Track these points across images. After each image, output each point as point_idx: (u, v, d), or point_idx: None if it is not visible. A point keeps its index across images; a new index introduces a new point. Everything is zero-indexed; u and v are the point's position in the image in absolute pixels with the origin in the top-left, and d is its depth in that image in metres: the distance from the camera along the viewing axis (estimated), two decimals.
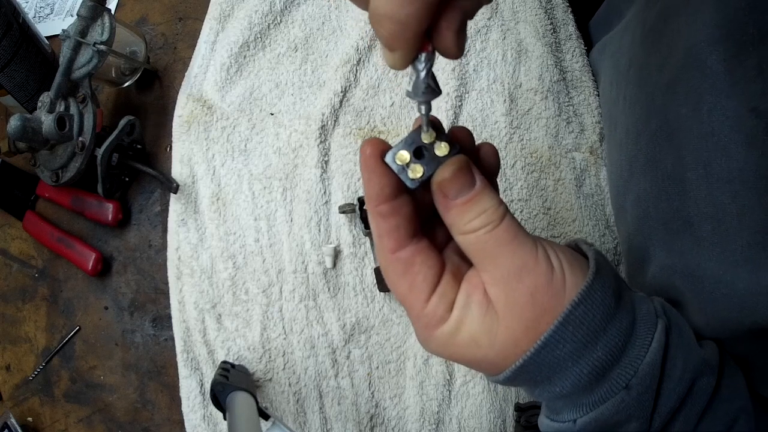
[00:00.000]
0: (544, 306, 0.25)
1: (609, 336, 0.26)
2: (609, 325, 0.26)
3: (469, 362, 0.28)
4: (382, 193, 0.27)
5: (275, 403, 0.54)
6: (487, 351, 0.26)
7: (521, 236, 0.26)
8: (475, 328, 0.26)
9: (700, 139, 0.35)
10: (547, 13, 0.63)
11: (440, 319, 0.27)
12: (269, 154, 0.58)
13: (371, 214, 0.28)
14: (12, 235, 0.64)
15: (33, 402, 0.59)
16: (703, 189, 0.35)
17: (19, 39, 0.56)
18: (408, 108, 0.59)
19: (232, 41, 0.60)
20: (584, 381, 0.26)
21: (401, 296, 0.28)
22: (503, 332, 0.26)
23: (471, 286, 0.27)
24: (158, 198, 0.61)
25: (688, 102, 0.36)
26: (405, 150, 0.27)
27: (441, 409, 0.53)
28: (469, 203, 0.26)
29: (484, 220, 0.26)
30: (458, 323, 0.27)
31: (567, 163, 0.58)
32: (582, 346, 0.26)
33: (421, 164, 0.27)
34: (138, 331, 0.58)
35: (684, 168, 0.37)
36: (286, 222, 0.56)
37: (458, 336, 0.27)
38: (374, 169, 0.27)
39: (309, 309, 0.54)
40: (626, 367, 0.26)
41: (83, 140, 0.55)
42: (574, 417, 0.28)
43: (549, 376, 0.27)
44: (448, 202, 0.26)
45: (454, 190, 0.26)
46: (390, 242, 0.27)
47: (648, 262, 0.43)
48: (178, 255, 0.56)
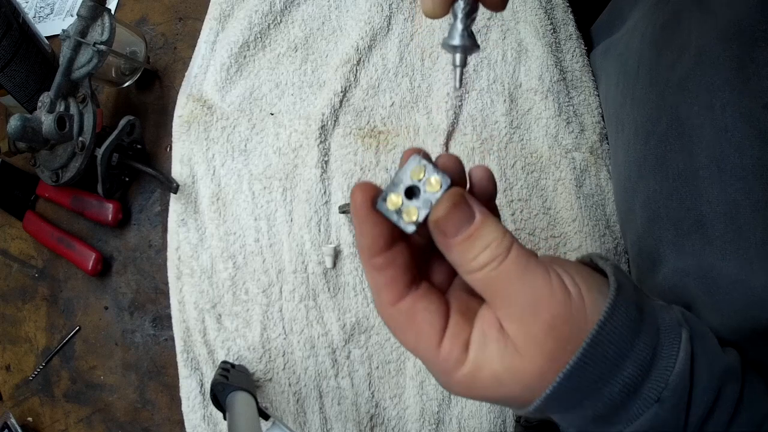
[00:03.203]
0: (565, 335, 0.24)
1: (636, 352, 0.25)
2: (635, 340, 0.25)
3: (496, 401, 0.27)
4: (376, 244, 0.25)
5: (275, 403, 0.54)
6: (511, 387, 0.25)
7: (532, 266, 0.24)
8: (496, 367, 0.25)
9: (713, 136, 0.35)
10: (547, 13, 0.63)
11: (457, 361, 0.25)
12: (269, 154, 0.58)
13: (365, 267, 0.26)
14: (12, 235, 0.64)
15: (33, 402, 0.59)
16: (715, 187, 0.34)
17: (19, 39, 0.56)
18: (408, 108, 0.59)
19: (232, 41, 0.60)
20: (616, 400, 0.25)
21: (411, 347, 0.26)
22: (526, 367, 0.24)
23: (485, 323, 0.26)
24: (158, 198, 0.61)
25: (700, 99, 0.36)
26: (394, 193, 0.25)
27: (441, 409, 0.53)
28: (470, 239, 0.24)
29: (490, 255, 0.24)
30: (477, 363, 0.25)
31: (567, 163, 0.58)
32: (611, 366, 0.25)
33: (415, 205, 0.25)
34: (138, 331, 0.58)
35: (696, 166, 0.36)
36: (286, 222, 0.56)
37: (480, 376, 0.25)
38: (365, 219, 0.25)
39: (309, 309, 0.54)
40: (656, 381, 0.25)
41: (83, 140, 0.55)
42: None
43: (580, 401, 0.25)
44: (448, 240, 0.25)
45: (452, 227, 0.24)
46: (388, 295, 0.26)
47: (659, 265, 0.42)
48: (178, 255, 0.56)
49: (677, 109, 0.39)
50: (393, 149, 0.58)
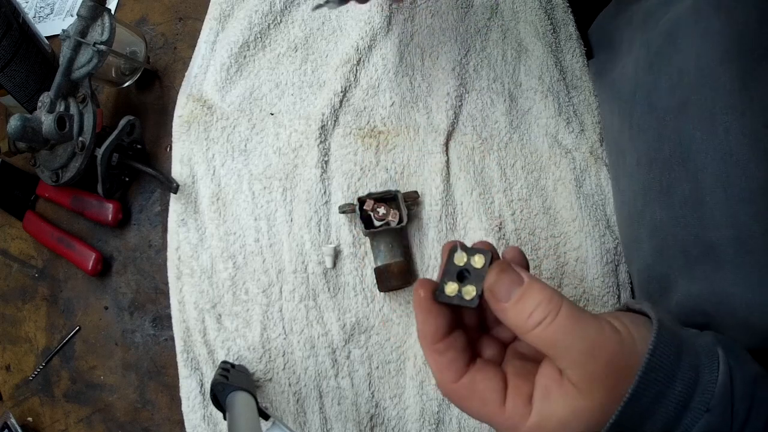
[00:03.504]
0: (622, 369, 0.27)
1: (683, 371, 0.28)
2: (680, 363, 0.28)
3: None
4: (438, 332, 0.29)
5: (275, 403, 0.54)
6: (578, 428, 0.28)
7: (584, 318, 0.27)
8: (561, 413, 0.28)
9: (718, 160, 0.35)
10: (547, 13, 0.63)
11: (522, 415, 0.28)
12: (269, 154, 0.58)
13: (427, 352, 0.30)
14: (12, 235, 0.64)
15: (33, 402, 0.59)
16: (723, 211, 0.35)
17: (19, 39, 0.56)
18: (408, 108, 0.59)
19: (232, 41, 0.60)
20: (671, 417, 0.28)
21: (477, 414, 0.30)
22: (589, 405, 0.27)
23: (546, 378, 0.29)
24: (158, 198, 0.61)
25: (702, 123, 0.36)
26: (450, 282, 0.30)
27: (441, 409, 0.53)
28: (522, 300, 0.27)
29: (542, 313, 0.27)
30: (542, 414, 0.28)
31: (567, 163, 0.58)
32: (663, 387, 0.27)
33: (470, 284, 0.29)
34: (138, 331, 0.58)
35: (702, 192, 0.36)
36: (286, 222, 0.56)
37: (547, 425, 0.28)
38: (430, 311, 0.29)
39: (309, 309, 0.54)
40: (704, 393, 0.28)
41: (83, 140, 0.55)
42: None
43: (640, 424, 0.28)
44: (502, 305, 0.28)
45: (503, 291, 0.28)
46: (450, 374, 0.30)
47: (670, 292, 0.42)
48: (178, 255, 0.56)
49: (680, 135, 0.39)
50: (393, 149, 0.58)
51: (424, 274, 0.55)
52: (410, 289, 0.55)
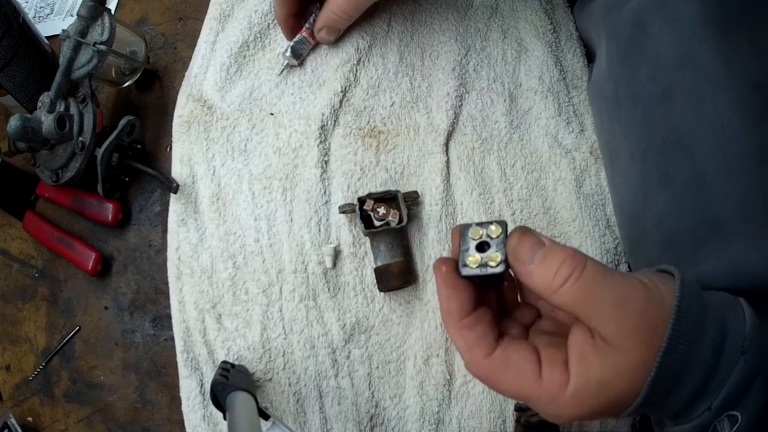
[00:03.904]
0: (654, 319, 0.27)
1: (711, 318, 0.28)
2: (707, 311, 0.28)
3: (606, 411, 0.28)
4: (465, 306, 0.29)
5: (275, 403, 0.54)
6: (619, 386, 0.27)
7: (609, 272, 0.27)
8: (601, 373, 0.27)
9: (711, 136, 0.35)
10: (547, 13, 0.63)
11: (561, 383, 0.28)
12: (269, 154, 0.58)
13: (455, 329, 0.29)
14: (12, 235, 0.64)
15: (33, 402, 0.59)
16: (725, 185, 0.35)
17: (19, 39, 0.56)
18: (408, 108, 0.59)
19: (232, 41, 0.60)
20: (709, 365, 0.27)
21: (514, 389, 0.29)
22: (628, 360, 0.27)
23: (579, 341, 0.28)
24: (158, 198, 0.61)
25: (690, 104, 0.36)
26: (471, 255, 0.29)
27: (441, 409, 0.53)
28: (546, 260, 0.27)
29: (569, 269, 0.27)
30: (581, 378, 0.27)
31: (567, 163, 0.58)
32: (697, 334, 0.27)
33: (492, 252, 0.29)
34: (138, 331, 0.58)
35: (701, 171, 0.37)
36: (286, 222, 0.56)
37: (587, 388, 0.27)
38: (455, 285, 0.29)
39: (309, 309, 0.54)
40: (735, 337, 0.28)
41: (83, 140, 0.55)
42: (708, 404, 0.28)
43: (681, 377, 0.28)
44: (528, 268, 0.27)
45: (527, 252, 0.27)
46: (482, 350, 0.29)
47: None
48: (178, 255, 0.56)
49: (669, 121, 0.39)
50: (393, 149, 0.58)
51: (424, 274, 0.55)
52: (410, 289, 0.55)
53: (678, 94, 0.38)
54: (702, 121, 0.36)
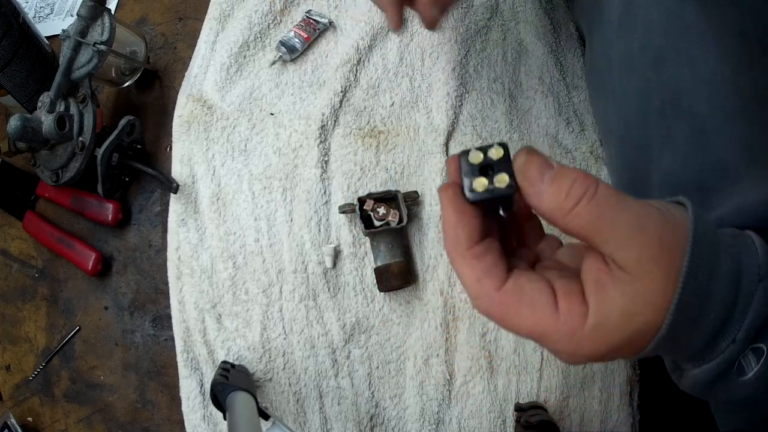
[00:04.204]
0: (671, 243, 0.25)
1: (726, 248, 0.27)
2: (720, 239, 0.27)
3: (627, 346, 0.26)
4: (474, 234, 0.27)
5: (275, 403, 0.54)
6: (641, 316, 0.25)
7: (622, 193, 0.26)
8: (622, 304, 0.25)
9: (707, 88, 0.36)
10: (547, 13, 0.63)
11: (580, 314, 0.26)
12: (269, 154, 0.58)
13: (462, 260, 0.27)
14: (12, 235, 0.64)
15: (33, 402, 0.59)
16: (726, 131, 0.36)
17: (19, 39, 0.56)
18: (408, 108, 0.59)
19: (232, 41, 0.60)
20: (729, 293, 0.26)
21: (529, 325, 0.27)
22: (648, 287, 0.25)
23: (594, 270, 0.26)
24: (158, 198, 0.61)
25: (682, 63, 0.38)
26: (476, 178, 0.26)
27: (441, 409, 0.53)
28: (557, 180, 0.25)
29: (581, 189, 0.25)
30: (602, 307, 0.26)
31: (567, 163, 0.58)
32: (715, 260, 0.26)
33: (498, 173, 0.26)
34: (138, 331, 0.58)
35: (702, 123, 0.37)
36: (286, 222, 0.56)
37: (608, 320, 0.25)
38: (463, 210, 0.27)
39: (309, 309, 0.54)
40: (750, 266, 0.27)
41: (83, 140, 0.55)
42: (732, 337, 0.27)
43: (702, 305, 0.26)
44: (538, 188, 0.26)
45: (536, 172, 0.25)
46: (493, 281, 0.27)
47: None
48: (178, 255, 0.56)
49: (665, 82, 0.40)
50: (393, 149, 0.58)
51: (424, 274, 0.55)
52: (410, 289, 0.55)
53: (670, 57, 0.39)
54: (696, 78, 0.37)
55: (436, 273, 0.55)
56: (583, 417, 0.53)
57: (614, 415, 0.53)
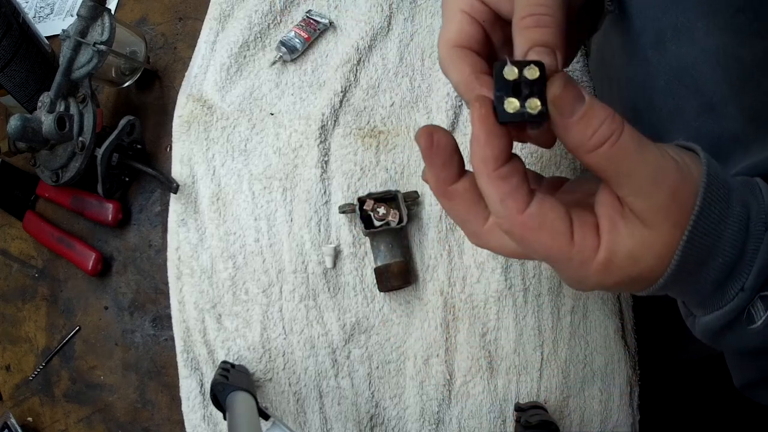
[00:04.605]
0: (684, 198, 0.26)
1: (736, 193, 0.28)
2: (731, 185, 0.28)
3: (629, 284, 0.28)
4: (503, 154, 0.27)
5: (275, 403, 0.54)
6: (646, 262, 0.27)
7: (644, 140, 0.26)
8: (631, 244, 0.26)
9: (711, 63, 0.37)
10: None
11: (593, 248, 0.27)
12: (269, 154, 0.58)
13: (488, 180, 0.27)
14: (12, 235, 0.64)
15: (33, 402, 0.59)
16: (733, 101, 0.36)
17: (19, 39, 0.56)
18: (408, 108, 0.59)
19: (232, 41, 0.60)
20: (737, 240, 0.27)
21: (546, 249, 0.27)
22: (656, 237, 0.26)
23: (608, 207, 0.27)
24: (158, 198, 0.61)
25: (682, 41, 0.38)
26: (508, 97, 0.26)
27: (441, 409, 0.53)
28: (585, 117, 0.26)
29: (606, 132, 0.25)
30: (611, 246, 0.27)
31: (567, 163, 0.58)
32: (725, 207, 0.27)
33: (531, 97, 0.26)
34: (138, 331, 0.58)
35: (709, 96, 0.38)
36: (286, 222, 0.56)
37: (616, 258, 0.27)
38: (493, 130, 0.26)
39: (309, 309, 0.54)
40: (759, 214, 0.28)
41: (83, 140, 0.55)
42: (741, 284, 0.28)
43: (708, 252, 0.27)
44: (566, 121, 0.26)
45: (568, 105, 0.26)
46: (517, 203, 0.27)
47: None
48: (178, 255, 0.56)
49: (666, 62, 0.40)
50: (393, 149, 0.58)
51: (424, 274, 0.55)
52: (410, 289, 0.55)
53: (669, 36, 0.39)
54: (698, 54, 0.37)
55: (436, 273, 0.55)
56: (583, 417, 0.53)
57: (614, 415, 0.53)
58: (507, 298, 0.53)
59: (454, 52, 0.30)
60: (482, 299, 0.54)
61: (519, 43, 0.29)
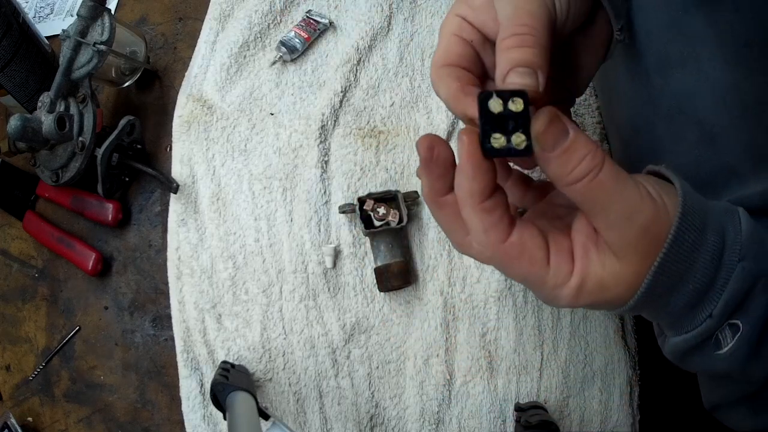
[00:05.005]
0: (656, 234, 0.27)
1: (712, 223, 0.29)
2: (708, 216, 0.29)
3: (599, 306, 0.30)
4: (488, 188, 0.28)
5: (275, 403, 0.54)
6: (615, 291, 0.28)
7: (623, 177, 0.27)
8: (600, 274, 0.28)
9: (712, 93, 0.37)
10: None
11: (567, 273, 0.28)
12: (269, 154, 0.58)
13: (473, 212, 0.29)
14: (12, 235, 0.64)
15: (33, 402, 0.59)
16: (732, 134, 0.37)
17: (19, 39, 0.56)
18: (408, 108, 0.59)
19: (232, 41, 0.60)
20: (708, 269, 0.28)
21: (524, 274, 0.29)
22: (626, 268, 0.28)
23: (583, 236, 0.29)
24: (158, 198, 0.61)
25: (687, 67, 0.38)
26: (494, 132, 0.27)
27: (441, 409, 0.53)
28: (567, 152, 0.26)
29: (586, 168, 0.26)
30: (583, 273, 0.28)
31: None
32: (698, 235, 0.28)
33: (516, 131, 0.27)
34: (138, 331, 0.58)
35: (708, 127, 0.38)
36: (286, 222, 0.56)
37: (586, 285, 0.28)
38: (480, 165, 0.28)
39: (309, 309, 0.54)
40: (733, 245, 0.28)
41: (83, 140, 0.55)
42: (709, 311, 0.29)
43: (679, 278, 0.28)
44: (547, 155, 0.27)
45: (551, 140, 0.26)
46: (499, 234, 0.28)
47: None
48: (178, 255, 0.56)
49: (670, 89, 0.41)
50: (393, 149, 0.58)
51: (424, 274, 0.55)
52: (410, 289, 0.55)
53: (676, 64, 0.40)
54: (701, 84, 0.38)
55: (436, 273, 0.55)
56: (583, 417, 0.53)
57: (614, 415, 0.53)
58: (507, 298, 0.53)
59: (443, 70, 0.31)
60: (482, 299, 0.54)
61: (500, 63, 0.29)
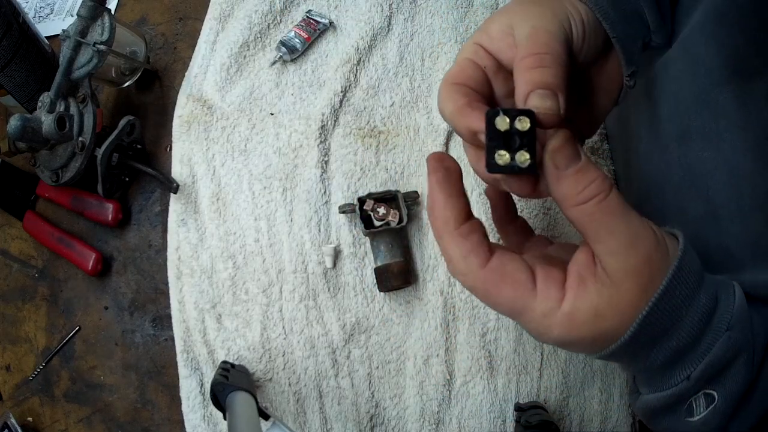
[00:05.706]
0: (657, 267, 0.27)
1: (706, 285, 0.29)
2: (704, 278, 0.29)
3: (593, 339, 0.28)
4: (462, 214, 0.28)
5: (275, 403, 0.54)
6: (611, 321, 0.27)
7: (629, 207, 0.27)
8: (597, 301, 0.27)
9: (726, 176, 0.36)
10: None
11: (556, 300, 0.28)
12: (269, 154, 0.58)
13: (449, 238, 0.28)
14: (12, 235, 0.64)
15: (33, 402, 0.59)
16: (737, 222, 0.36)
17: (19, 39, 0.56)
18: (408, 108, 0.59)
19: (232, 41, 0.60)
20: (695, 329, 0.28)
21: (509, 301, 0.28)
22: (623, 297, 0.27)
23: (581, 266, 0.28)
24: (158, 198, 0.61)
25: (707, 145, 0.38)
26: (499, 149, 0.27)
27: (441, 409, 0.53)
28: (579, 172, 0.27)
29: (595, 190, 0.26)
30: (577, 300, 0.27)
31: None
32: (691, 293, 0.28)
33: (521, 149, 0.27)
34: (138, 331, 0.58)
35: (715, 207, 0.38)
36: (286, 222, 0.56)
37: (579, 314, 0.27)
38: (451, 193, 0.28)
39: (309, 309, 0.54)
40: (724, 312, 0.28)
41: (83, 140, 0.55)
42: (688, 372, 0.29)
43: (665, 330, 0.28)
44: (559, 173, 0.27)
45: (564, 159, 0.27)
46: (478, 258, 0.28)
47: None
48: (178, 255, 0.56)
49: (686, 159, 0.40)
50: (393, 149, 0.58)
51: (424, 274, 0.55)
52: (410, 289, 0.55)
53: (696, 137, 0.39)
54: (718, 163, 0.37)
55: (436, 273, 0.55)
56: (583, 417, 0.53)
57: (614, 415, 0.54)
58: None
59: (452, 87, 0.31)
60: None
61: (520, 84, 0.29)
